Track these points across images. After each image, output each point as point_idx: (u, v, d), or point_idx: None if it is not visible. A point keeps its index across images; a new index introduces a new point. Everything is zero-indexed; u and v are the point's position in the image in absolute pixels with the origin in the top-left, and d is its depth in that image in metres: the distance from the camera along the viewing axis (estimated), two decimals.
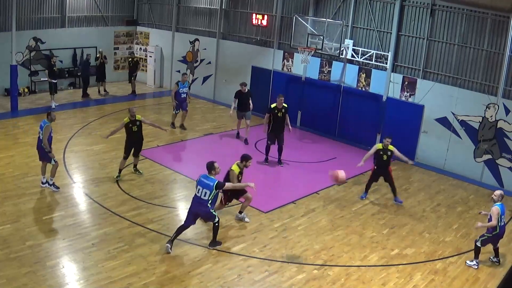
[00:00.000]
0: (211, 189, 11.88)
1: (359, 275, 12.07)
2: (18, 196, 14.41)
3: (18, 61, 24.73)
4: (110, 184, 15.90)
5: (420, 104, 20.06)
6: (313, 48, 20.92)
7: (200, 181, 12.11)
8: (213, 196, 12.00)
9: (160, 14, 30.31)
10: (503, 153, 18.37)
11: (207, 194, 11.93)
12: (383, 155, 15.97)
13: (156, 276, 11.22)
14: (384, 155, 15.97)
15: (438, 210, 16.16)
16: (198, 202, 12.13)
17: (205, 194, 11.95)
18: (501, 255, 13.43)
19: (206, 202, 11.99)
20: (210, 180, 12.01)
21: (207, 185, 11.93)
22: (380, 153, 16.01)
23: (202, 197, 12.00)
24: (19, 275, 10.75)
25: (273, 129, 18.43)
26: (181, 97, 21.93)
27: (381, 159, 16.03)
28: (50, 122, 14.83)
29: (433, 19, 19.71)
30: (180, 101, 21.94)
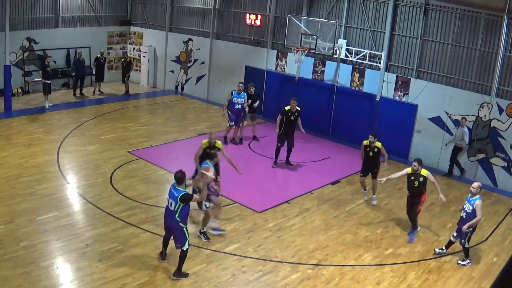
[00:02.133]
0: (176, 201, 11.02)
1: (353, 274, 12.10)
2: (12, 197, 14.37)
3: (12, 62, 24.64)
4: (104, 184, 15.87)
5: (414, 104, 20.11)
6: (306, 48, 20.94)
7: (170, 190, 11.39)
8: (179, 208, 11.07)
9: (153, 14, 30.27)
10: (496, 152, 18.44)
11: (173, 205, 11.12)
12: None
13: (150, 277, 11.21)
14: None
15: (432, 209, 16.21)
16: (168, 213, 11.37)
17: (170, 205, 11.20)
18: (495, 253, 13.51)
19: (174, 213, 11.10)
20: (177, 192, 11.13)
21: (174, 196, 11.14)
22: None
23: (169, 207, 11.24)
24: (13, 275, 10.72)
25: (283, 132, 18.29)
26: (234, 108, 20.29)
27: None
28: None
29: (427, 19, 19.76)
30: (236, 113, 20.38)
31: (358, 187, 17.36)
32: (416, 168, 13.87)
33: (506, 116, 18.02)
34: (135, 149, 19.06)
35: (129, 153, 18.69)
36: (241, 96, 20.24)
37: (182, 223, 11.17)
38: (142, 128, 21.80)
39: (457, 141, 19.02)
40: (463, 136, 18.78)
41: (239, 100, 20.20)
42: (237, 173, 14.12)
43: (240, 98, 20.20)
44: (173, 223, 11.19)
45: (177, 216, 11.01)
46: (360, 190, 17.02)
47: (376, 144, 15.57)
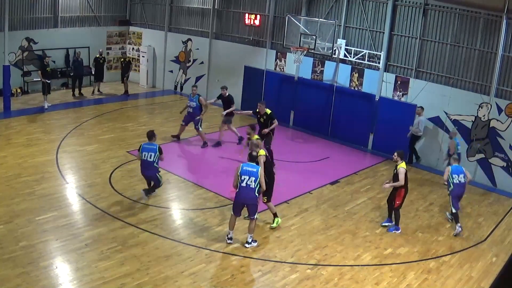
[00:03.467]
0: (155, 152, 14.59)
1: (352, 274, 12.09)
2: (11, 197, 14.36)
3: (11, 62, 24.65)
4: (103, 184, 15.86)
5: (413, 104, 20.10)
6: (305, 48, 20.93)
7: (144, 148, 14.72)
8: (156, 157, 14.61)
9: (152, 14, 30.26)
10: (495, 152, 18.45)
11: (152, 156, 14.57)
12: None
13: (150, 277, 11.20)
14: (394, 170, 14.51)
15: (431, 210, 16.21)
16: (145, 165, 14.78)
17: (150, 156, 14.57)
18: (494, 253, 13.52)
19: (152, 163, 14.61)
20: (153, 145, 14.72)
21: (152, 150, 14.64)
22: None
23: (148, 159, 14.58)
24: (12, 276, 10.71)
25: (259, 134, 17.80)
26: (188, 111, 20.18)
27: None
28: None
29: (426, 19, 19.77)
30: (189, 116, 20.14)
31: (357, 187, 17.42)
32: (395, 159, 14.22)
33: (505, 116, 18.03)
34: (134, 149, 19.00)
35: (128, 153, 18.69)
36: (193, 100, 19.87)
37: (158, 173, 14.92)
38: (141, 128, 21.76)
39: (414, 129, 19.49)
40: (418, 125, 19.35)
41: (191, 103, 19.91)
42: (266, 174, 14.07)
43: (192, 102, 19.88)
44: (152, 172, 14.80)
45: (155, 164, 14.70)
46: (359, 190, 17.08)
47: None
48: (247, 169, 12.37)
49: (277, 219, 14.15)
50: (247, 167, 12.43)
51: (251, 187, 12.29)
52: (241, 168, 12.42)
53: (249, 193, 12.35)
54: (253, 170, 12.35)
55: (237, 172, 12.45)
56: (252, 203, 12.52)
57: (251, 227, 12.81)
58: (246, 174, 12.31)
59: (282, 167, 18.72)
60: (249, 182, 12.28)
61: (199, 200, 15.44)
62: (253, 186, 12.28)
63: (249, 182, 12.29)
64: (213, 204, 15.17)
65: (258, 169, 12.41)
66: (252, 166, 12.46)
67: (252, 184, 12.27)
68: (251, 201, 12.49)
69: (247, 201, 12.48)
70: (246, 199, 12.47)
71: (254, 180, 12.27)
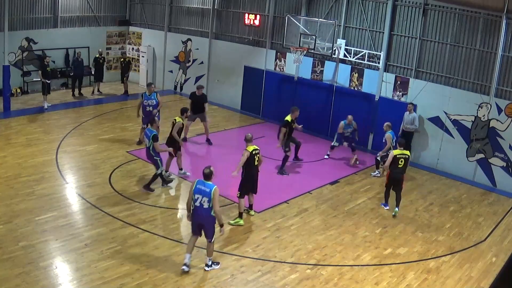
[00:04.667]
0: (149, 139, 15.13)
1: (352, 274, 12.09)
2: (10, 197, 14.35)
3: (11, 62, 24.64)
4: (103, 184, 15.85)
5: (413, 104, 20.07)
6: (305, 48, 20.92)
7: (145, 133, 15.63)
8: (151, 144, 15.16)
9: (152, 14, 30.25)
10: (495, 152, 18.44)
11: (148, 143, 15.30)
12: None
13: (149, 277, 11.20)
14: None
15: (431, 210, 16.20)
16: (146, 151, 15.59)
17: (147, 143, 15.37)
18: (494, 253, 13.53)
19: (148, 149, 15.34)
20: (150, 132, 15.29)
21: (148, 136, 15.25)
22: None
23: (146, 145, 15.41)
24: (11, 275, 10.70)
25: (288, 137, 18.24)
26: (146, 111, 19.33)
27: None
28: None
29: (426, 19, 19.77)
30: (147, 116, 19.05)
31: (357, 187, 17.42)
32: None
33: (505, 116, 18.02)
34: (134, 149, 19.05)
35: (128, 153, 18.68)
36: (151, 98, 19.26)
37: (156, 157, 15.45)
38: (140, 128, 21.74)
39: (406, 125, 19.56)
40: (414, 121, 19.46)
41: (149, 102, 19.25)
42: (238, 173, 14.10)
43: (150, 100, 19.24)
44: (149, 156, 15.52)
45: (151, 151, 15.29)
46: (359, 190, 17.10)
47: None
48: (200, 188, 11.18)
49: (239, 219, 14.08)
50: (201, 185, 11.21)
51: (204, 207, 11.12)
52: (195, 186, 11.27)
53: (203, 214, 11.19)
54: (206, 190, 11.11)
55: (191, 190, 11.37)
56: (207, 224, 11.33)
57: (209, 250, 11.67)
58: (199, 193, 11.16)
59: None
60: (202, 202, 11.11)
61: None
62: (206, 206, 11.10)
63: (202, 202, 11.11)
64: None
65: (211, 189, 11.08)
66: (206, 185, 11.19)
67: (205, 204, 11.10)
68: (206, 223, 11.30)
69: (202, 222, 11.31)
70: (201, 220, 11.31)
71: (207, 200, 11.07)
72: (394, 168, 15.20)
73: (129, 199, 14.96)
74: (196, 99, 20.51)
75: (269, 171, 18.23)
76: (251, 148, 13.80)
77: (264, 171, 18.12)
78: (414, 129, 19.48)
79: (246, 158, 13.68)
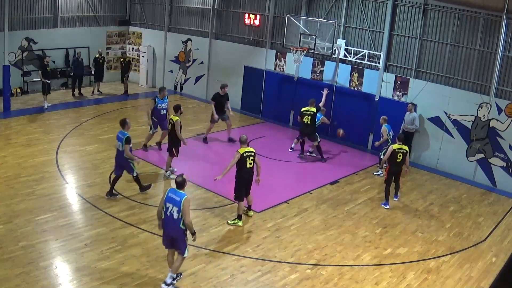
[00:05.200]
0: (122, 141, 14.50)
1: (352, 274, 12.09)
2: (10, 197, 14.35)
3: (11, 62, 24.64)
4: (103, 184, 15.84)
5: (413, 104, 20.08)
6: (305, 48, 20.92)
7: (117, 136, 14.86)
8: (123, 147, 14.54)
9: (152, 14, 30.26)
10: (495, 152, 18.44)
11: (121, 146, 14.65)
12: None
13: (149, 277, 11.20)
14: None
15: (431, 209, 16.20)
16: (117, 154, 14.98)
17: (119, 146, 14.69)
18: (494, 253, 13.53)
19: (121, 153, 14.65)
20: (122, 135, 14.65)
21: (120, 139, 14.62)
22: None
23: (118, 148, 14.75)
24: (11, 275, 10.70)
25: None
26: (160, 114, 19.09)
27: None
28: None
29: (426, 19, 19.77)
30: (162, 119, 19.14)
31: (356, 187, 17.43)
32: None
33: (505, 116, 18.02)
34: (134, 149, 18.99)
35: None
36: (164, 101, 19.05)
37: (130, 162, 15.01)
38: (140, 128, 21.74)
39: (407, 125, 19.55)
40: (414, 121, 19.44)
41: (163, 105, 19.04)
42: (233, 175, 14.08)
43: (164, 103, 19.03)
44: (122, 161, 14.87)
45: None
46: (359, 190, 17.11)
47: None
48: (172, 197, 10.47)
49: (237, 221, 14.05)
50: (172, 194, 10.51)
51: (174, 218, 10.39)
52: (166, 194, 10.60)
53: (172, 225, 10.47)
54: (177, 199, 10.39)
55: (162, 199, 10.74)
56: (177, 236, 10.57)
57: (176, 266, 10.83)
58: (170, 202, 10.47)
59: (282, 167, 18.76)
60: (172, 211, 10.41)
61: (199, 200, 15.43)
62: (176, 217, 10.36)
63: (172, 212, 10.42)
64: (213, 204, 15.18)
65: (182, 198, 10.34)
66: (177, 194, 10.47)
67: (174, 214, 10.38)
68: (176, 235, 10.56)
69: (171, 233, 10.59)
70: (170, 232, 10.61)
71: (177, 210, 10.33)
72: (393, 163, 15.69)
73: (129, 199, 14.96)
74: (220, 99, 20.66)
75: (269, 171, 18.24)
76: (242, 150, 13.66)
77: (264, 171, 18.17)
78: (415, 129, 19.49)
79: (236, 160, 13.59)
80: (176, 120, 16.51)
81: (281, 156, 19.34)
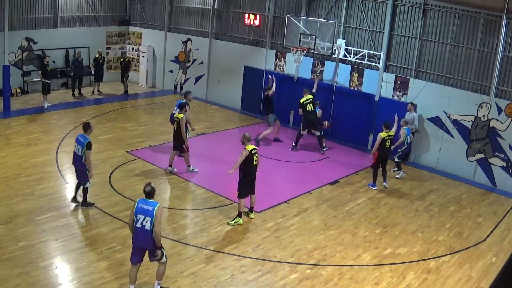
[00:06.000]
0: (83, 146, 13.64)
1: (352, 274, 12.09)
2: (10, 197, 14.35)
3: (11, 62, 24.64)
4: (103, 184, 15.84)
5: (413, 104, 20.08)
6: (305, 48, 20.90)
7: (77, 139, 14.00)
8: (83, 152, 13.63)
9: (152, 14, 30.26)
10: (495, 152, 18.43)
11: (80, 150, 13.73)
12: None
13: (149, 277, 11.18)
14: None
15: (431, 209, 16.19)
16: (74, 158, 14.01)
17: (78, 150, 13.78)
18: (494, 253, 13.53)
19: (80, 157, 13.75)
20: (83, 139, 13.76)
21: (81, 143, 13.72)
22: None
23: (77, 152, 13.83)
24: (11, 275, 10.70)
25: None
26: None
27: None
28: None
29: (426, 19, 19.76)
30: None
31: (356, 187, 17.42)
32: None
33: (505, 116, 18.02)
34: (134, 149, 19.05)
35: (128, 153, 18.68)
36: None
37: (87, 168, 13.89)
38: (140, 128, 21.77)
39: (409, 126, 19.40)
40: (413, 121, 19.46)
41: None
42: (236, 173, 14.07)
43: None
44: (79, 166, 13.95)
45: (83, 160, 13.68)
46: (359, 190, 17.11)
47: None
48: (142, 207, 10.09)
49: (238, 219, 14.11)
50: (143, 204, 10.14)
51: (147, 229, 10.01)
52: (136, 205, 10.18)
53: (146, 236, 10.06)
54: (149, 209, 10.04)
55: (132, 210, 10.28)
56: (152, 248, 10.24)
57: (159, 272, 10.66)
58: (141, 213, 10.06)
59: (282, 167, 18.76)
60: (144, 222, 10.01)
61: (199, 200, 15.44)
62: (148, 227, 9.99)
63: (144, 223, 10.02)
64: (213, 204, 15.17)
65: (154, 207, 10.04)
66: (148, 203, 10.14)
67: (147, 225, 10.00)
68: (150, 246, 10.21)
69: (146, 246, 10.21)
70: (144, 244, 10.21)
71: (150, 220, 9.97)
72: (382, 149, 17.01)
73: (129, 199, 14.94)
74: (268, 100, 21.34)
75: (269, 171, 18.24)
76: (250, 147, 13.77)
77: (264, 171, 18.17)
78: (414, 129, 19.48)
79: (245, 157, 13.65)
80: (182, 117, 16.70)
81: (281, 156, 19.32)
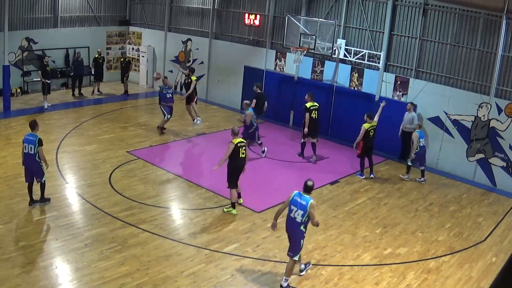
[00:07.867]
0: (35, 144, 13.50)
1: (352, 274, 12.09)
2: (10, 197, 14.36)
3: (11, 62, 24.66)
4: (103, 184, 15.85)
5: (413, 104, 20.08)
6: (305, 48, 20.91)
7: (26, 139, 13.65)
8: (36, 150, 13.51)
9: (152, 14, 30.26)
10: (495, 152, 18.43)
11: (32, 149, 13.51)
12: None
13: (149, 277, 11.20)
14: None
15: (431, 209, 16.19)
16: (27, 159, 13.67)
17: (30, 149, 13.53)
18: (494, 253, 13.52)
19: (33, 156, 13.58)
20: (33, 137, 13.62)
21: (32, 141, 13.54)
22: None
23: (29, 152, 13.53)
24: (11, 275, 10.71)
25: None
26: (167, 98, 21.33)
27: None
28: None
29: (426, 19, 19.76)
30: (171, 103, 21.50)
31: (357, 187, 17.43)
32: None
33: (505, 116, 18.02)
34: (134, 149, 19.06)
35: (128, 153, 18.68)
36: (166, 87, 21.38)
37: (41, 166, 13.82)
38: (141, 128, 21.78)
39: (406, 125, 19.64)
40: (413, 121, 19.48)
41: (168, 90, 21.28)
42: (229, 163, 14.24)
43: (169, 89, 21.40)
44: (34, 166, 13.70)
45: (36, 158, 13.55)
46: (359, 190, 17.10)
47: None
48: (297, 200, 10.89)
49: (231, 209, 14.61)
50: (298, 197, 10.94)
51: (297, 221, 10.87)
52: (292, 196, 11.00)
53: (294, 228, 10.99)
54: (302, 203, 10.82)
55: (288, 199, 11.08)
56: (296, 238, 11.07)
57: (288, 269, 11.19)
58: (294, 205, 10.87)
59: (282, 167, 18.75)
60: (296, 214, 10.83)
61: (199, 200, 15.44)
62: (300, 220, 10.83)
63: (295, 215, 10.84)
64: (213, 204, 15.17)
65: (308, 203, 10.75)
66: (303, 198, 10.89)
67: (298, 217, 10.83)
68: (295, 236, 11.05)
69: (292, 236, 11.10)
70: (291, 234, 11.15)
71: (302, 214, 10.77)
72: (367, 139, 17.92)
73: (129, 199, 14.96)
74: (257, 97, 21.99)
75: (269, 171, 18.26)
76: (236, 140, 14.31)
77: (264, 171, 18.18)
78: (414, 128, 19.46)
79: (231, 150, 14.10)
80: (193, 79, 20.82)
81: (281, 156, 19.32)
